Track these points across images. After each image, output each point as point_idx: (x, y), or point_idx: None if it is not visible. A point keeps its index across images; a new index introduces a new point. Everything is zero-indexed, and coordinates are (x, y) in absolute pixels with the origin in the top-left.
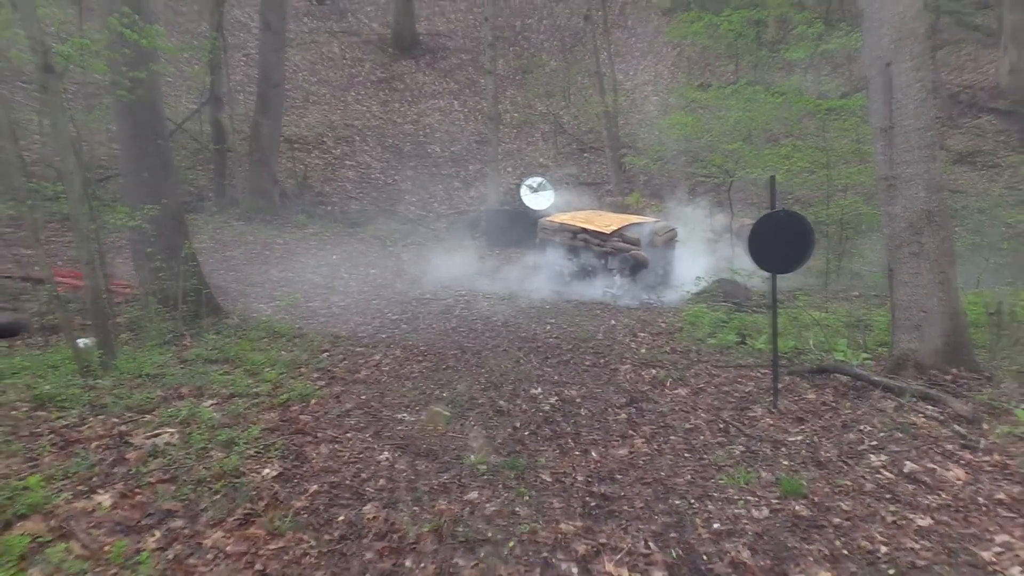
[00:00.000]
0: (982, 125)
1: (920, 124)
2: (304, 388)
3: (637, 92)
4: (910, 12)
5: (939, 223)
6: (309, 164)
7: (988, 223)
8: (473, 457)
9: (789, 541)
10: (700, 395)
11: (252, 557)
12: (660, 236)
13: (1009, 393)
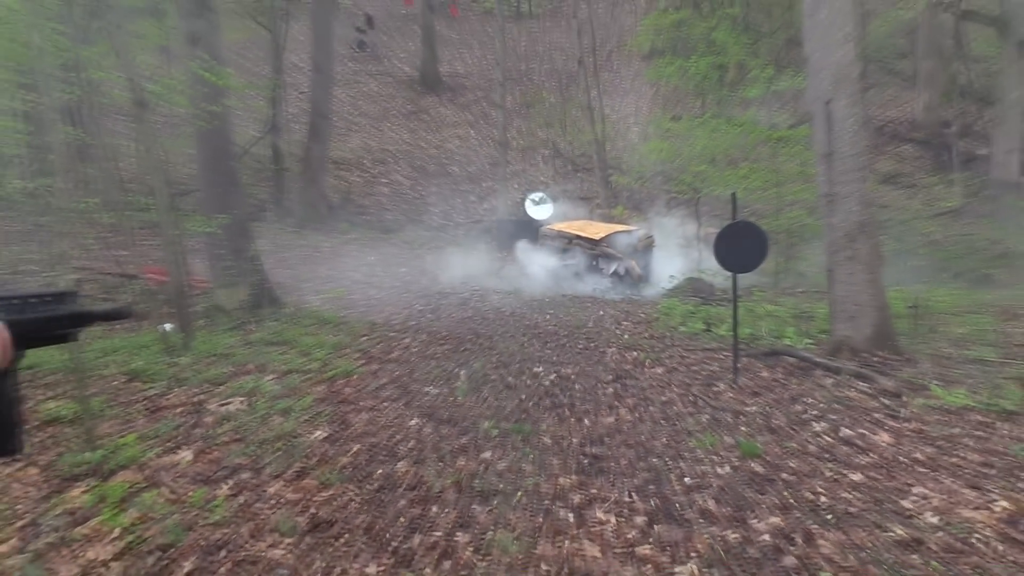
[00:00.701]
0: (902, 152)
1: (854, 151)
2: (347, 366)
3: (621, 123)
4: (846, 60)
5: (869, 232)
6: (351, 181)
7: (907, 233)
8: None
9: (747, 493)
10: (673, 373)
11: (306, 504)
12: (641, 242)
13: (925, 372)
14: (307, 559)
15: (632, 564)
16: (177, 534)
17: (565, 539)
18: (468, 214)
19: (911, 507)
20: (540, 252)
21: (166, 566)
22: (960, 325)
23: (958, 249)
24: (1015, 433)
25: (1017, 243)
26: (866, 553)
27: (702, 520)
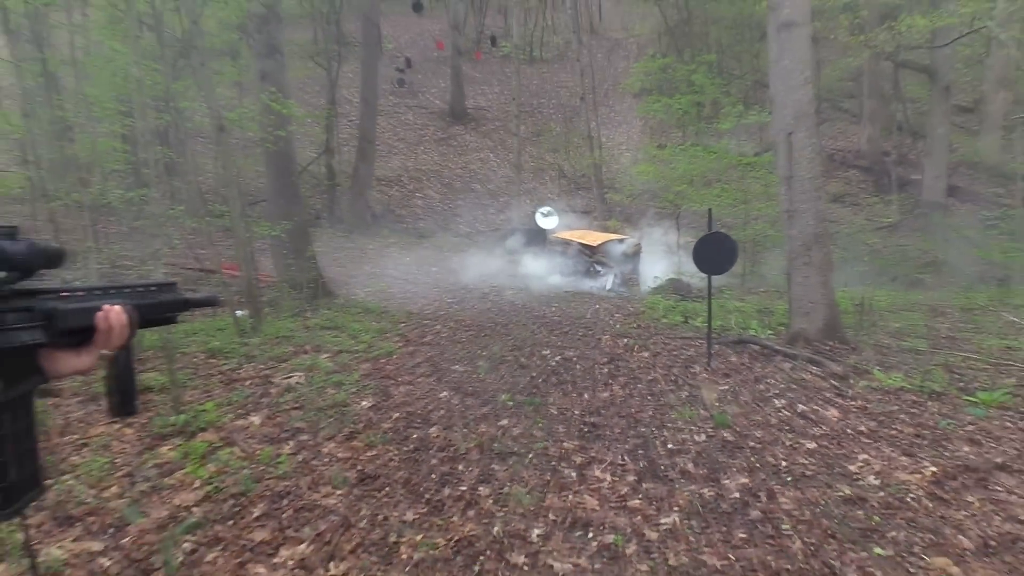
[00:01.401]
0: (849, 177)
1: (810, 175)
2: (388, 347)
3: (615, 149)
4: (804, 99)
5: (822, 242)
6: (391, 195)
7: (853, 243)
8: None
9: (719, 457)
10: (658, 357)
11: (354, 461)
12: (630, 249)
13: (868, 359)
14: (355, 507)
15: (625, 514)
16: (248, 485)
17: (569, 493)
18: (488, 223)
19: (856, 471)
20: (547, 256)
21: (239, 511)
22: (896, 320)
23: (894, 257)
24: (942, 410)
25: (943, 253)
26: (819, 508)
27: (682, 479)
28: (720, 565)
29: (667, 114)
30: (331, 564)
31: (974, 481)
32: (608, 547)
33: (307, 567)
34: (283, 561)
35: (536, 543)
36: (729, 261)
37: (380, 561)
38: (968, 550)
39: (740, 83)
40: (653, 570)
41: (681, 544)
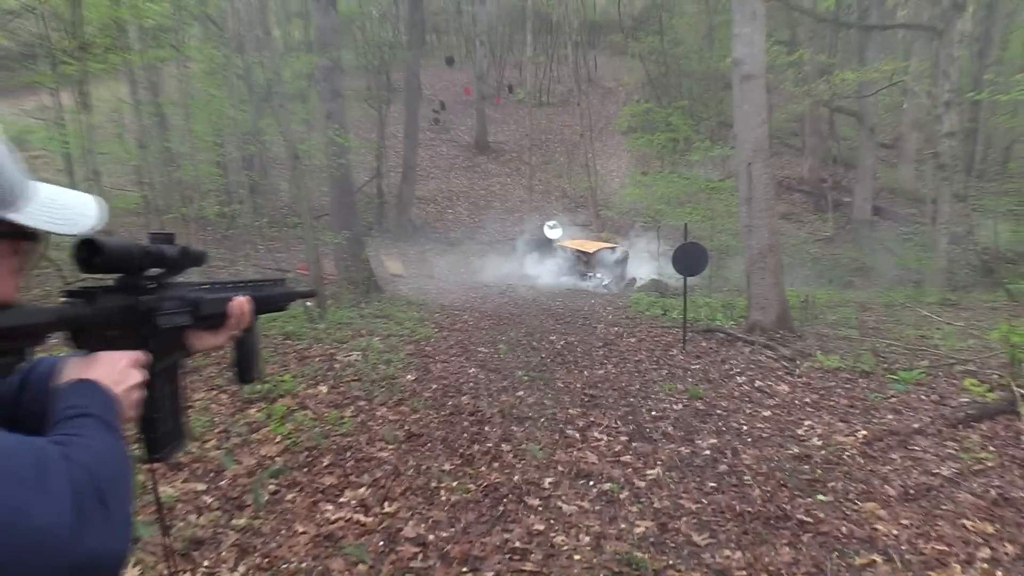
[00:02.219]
0: (794, 199)
1: (766, 196)
2: (427, 332)
3: (608, 175)
4: (762, 136)
5: (775, 251)
6: (428, 211)
7: (797, 253)
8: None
9: (693, 422)
10: (642, 342)
11: (402, 423)
12: (620, 255)
13: (811, 345)
14: (404, 459)
15: (618, 467)
16: (319, 440)
17: (574, 450)
18: (505, 234)
19: (803, 434)
20: (553, 260)
21: (312, 461)
22: (833, 314)
23: (830, 264)
24: (870, 386)
25: (869, 260)
26: (773, 463)
27: (664, 439)
28: (695, 508)
29: (649, 147)
30: (385, 504)
31: (896, 442)
32: (606, 493)
33: (366, 506)
34: (347, 501)
35: (548, 489)
36: (702, 265)
37: (424, 502)
38: (893, 497)
39: (707, 123)
40: (642, 512)
41: (664, 491)
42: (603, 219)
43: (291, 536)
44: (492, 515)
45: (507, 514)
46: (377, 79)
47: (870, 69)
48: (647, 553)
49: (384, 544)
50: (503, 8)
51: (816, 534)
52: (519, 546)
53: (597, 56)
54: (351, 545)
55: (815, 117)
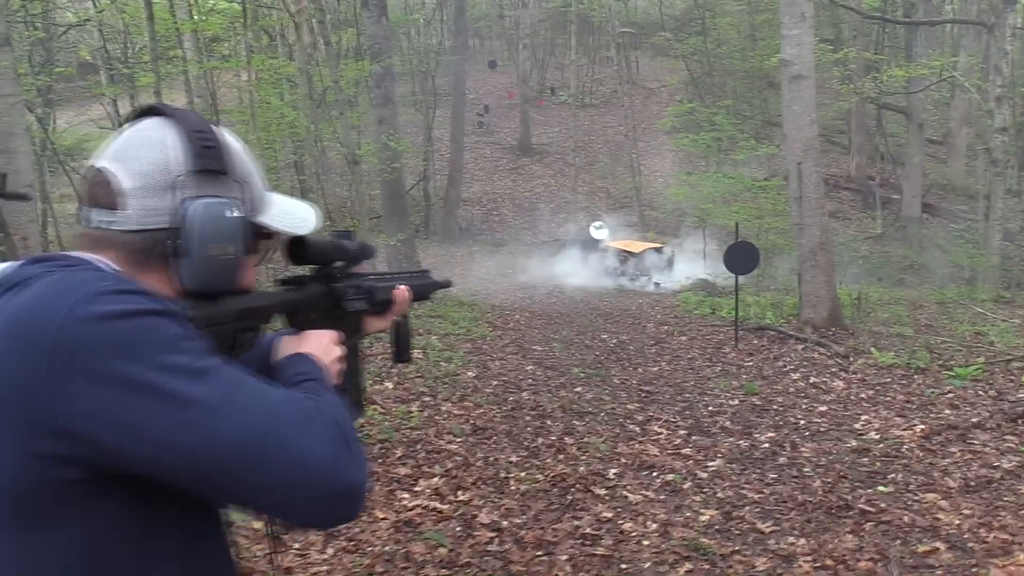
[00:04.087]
0: (841, 197)
1: (816, 195)
2: (482, 331)
3: (652, 176)
4: (811, 136)
5: (826, 249)
6: (474, 213)
7: (846, 251)
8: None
9: (750, 417)
10: (694, 340)
11: (467, 417)
12: (664, 254)
13: (864, 342)
14: (472, 451)
15: (680, 459)
16: (389, 434)
17: (635, 443)
18: (550, 235)
19: (860, 428)
20: (599, 261)
21: (385, 452)
22: (885, 312)
23: (880, 262)
24: (926, 382)
25: (920, 258)
26: (832, 456)
27: (722, 433)
28: (757, 498)
29: (694, 147)
30: (459, 492)
31: (955, 436)
32: (669, 483)
33: (440, 494)
34: (422, 490)
35: (613, 479)
36: (753, 264)
37: (495, 491)
38: (953, 488)
39: (752, 122)
40: (706, 501)
41: (726, 482)
42: (648, 220)
43: (372, 522)
44: (561, 503)
45: (575, 503)
46: (423, 84)
47: (918, 65)
48: (713, 540)
49: (461, 529)
50: (545, 11)
51: (878, 523)
52: (589, 532)
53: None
54: (430, 530)
55: (862, 114)
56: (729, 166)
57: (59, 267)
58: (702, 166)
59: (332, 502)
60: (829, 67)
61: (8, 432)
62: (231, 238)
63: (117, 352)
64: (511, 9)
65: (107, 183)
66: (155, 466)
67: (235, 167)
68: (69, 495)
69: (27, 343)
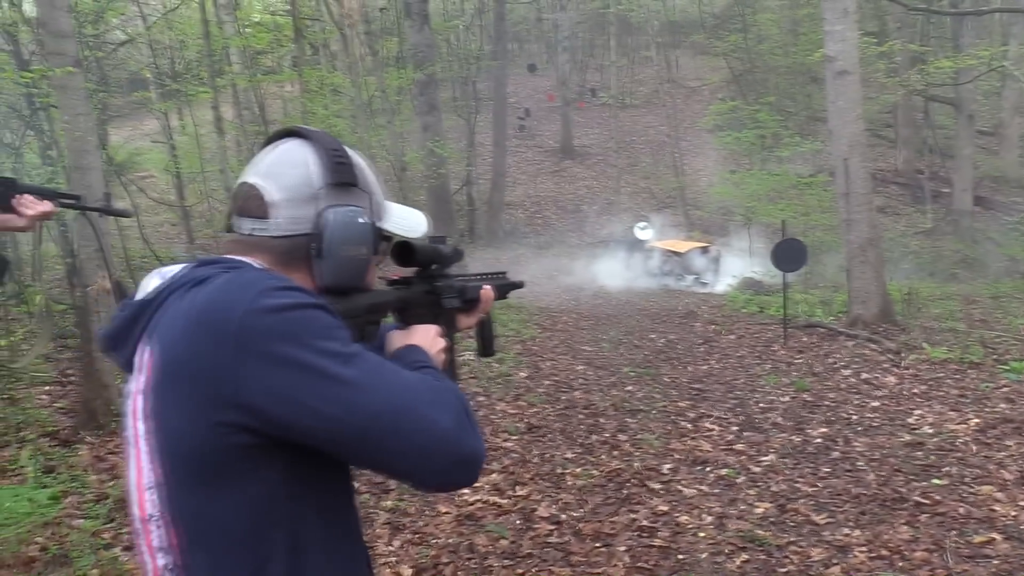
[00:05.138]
0: (889, 192)
1: (863, 191)
2: (531, 333)
3: (695, 175)
4: (857, 131)
5: (875, 245)
6: (518, 216)
7: (896, 246)
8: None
9: (802, 413)
10: (742, 339)
11: (521, 415)
12: (710, 253)
13: (916, 337)
14: (528, 448)
15: (732, 455)
16: None
17: (687, 439)
18: (595, 236)
19: (913, 422)
20: (644, 261)
21: None
22: (936, 307)
23: (931, 257)
24: (981, 376)
25: (972, 252)
26: (886, 450)
27: (774, 429)
28: (811, 491)
29: (737, 145)
30: (517, 487)
31: (1011, 429)
32: (723, 478)
33: (499, 490)
34: (481, 485)
35: (667, 474)
36: (801, 261)
37: (552, 486)
38: (1010, 481)
39: (795, 118)
40: (760, 494)
41: (779, 476)
42: (692, 219)
43: (435, 516)
44: (617, 497)
45: (631, 497)
46: (464, 89)
47: (966, 56)
48: (768, 531)
49: (521, 522)
50: (583, 13)
51: (933, 514)
52: (646, 524)
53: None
54: (492, 523)
55: (909, 107)
56: (774, 163)
57: (227, 268)
58: (746, 164)
59: (456, 468)
60: (874, 60)
61: (197, 403)
62: (362, 241)
63: (285, 338)
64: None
65: (259, 196)
66: (311, 434)
67: (363, 180)
68: (242, 459)
69: (214, 330)
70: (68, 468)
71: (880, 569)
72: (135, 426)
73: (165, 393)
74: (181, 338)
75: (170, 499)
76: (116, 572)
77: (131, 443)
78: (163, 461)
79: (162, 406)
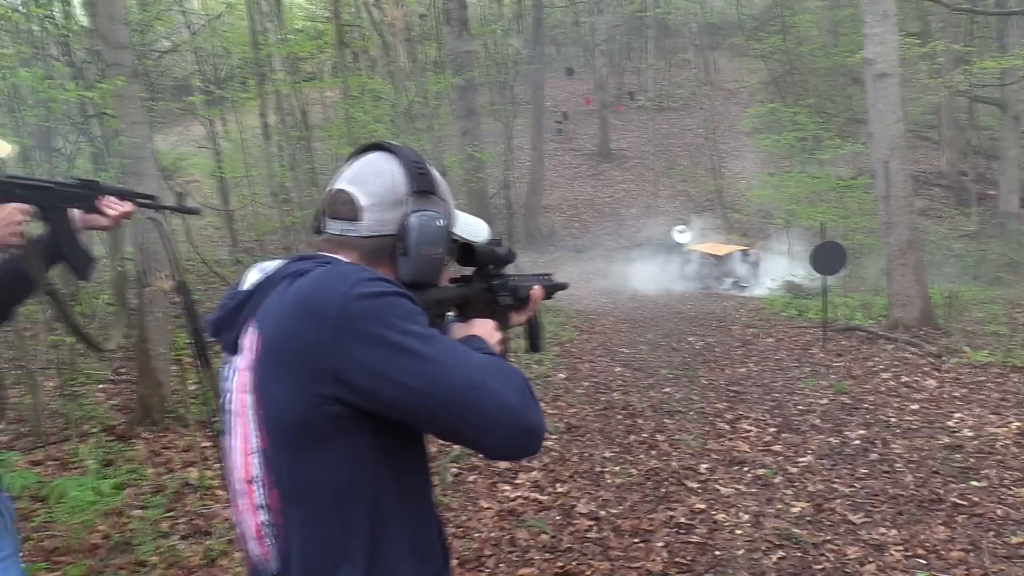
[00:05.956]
0: (932, 194)
1: (903, 194)
2: (569, 335)
3: (734, 177)
4: (897, 134)
5: (915, 248)
6: (555, 220)
7: (939, 249)
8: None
9: (840, 415)
10: (781, 342)
11: (561, 416)
12: (750, 257)
13: (957, 340)
14: (568, 447)
15: (770, 455)
16: None
17: (725, 439)
18: (632, 240)
19: (953, 425)
20: (683, 264)
21: None
22: (979, 311)
23: (975, 260)
24: (1022, 380)
25: (1017, 255)
26: (925, 452)
27: (812, 431)
28: (848, 491)
29: (776, 147)
30: (557, 485)
31: None
32: (760, 478)
33: (540, 487)
34: (522, 482)
35: (705, 474)
36: (840, 264)
37: (591, 484)
38: None
39: (836, 120)
40: (797, 494)
41: (817, 476)
42: (730, 222)
43: (478, 511)
44: (655, 495)
45: (669, 495)
46: (502, 93)
47: (1012, 56)
48: (805, 529)
49: (561, 518)
50: (621, 16)
51: (971, 515)
52: (684, 522)
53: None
54: (532, 519)
55: (952, 108)
56: (814, 165)
57: (321, 263)
58: (785, 166)
59: (521, 437)
60: (916, 61)
61: (298, 378)
62: (439, 242)
63: (375, 321)
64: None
65: (350, 201)
66: (395, 404)
67: (440, 188)
68: (334, 427)
69: (316, 315)
70: (126, 462)
71: (915, 568)
72: (241, 398)
73: (270, 369)
74: (286, 321)
75: (271, 462)
76: (175, 559)
77: (236, 413)
78: (266, 429)
79: (267, 380)
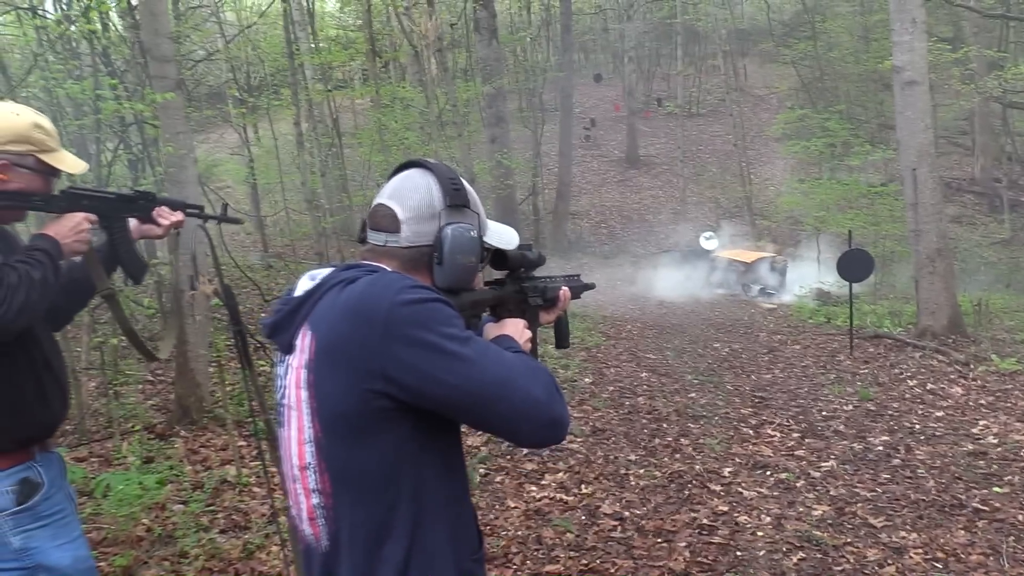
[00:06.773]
0: (965, 201)
1: (932, 201)
2: (596, 340)
3: (762, 184)
4: (926, 141)
5: (945, 256)
6: (583, 226)
7: (971, 256)
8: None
9: (864, 421)
10: (807, 349)
11: (586, 419)
12: (778, 263)
13: (986, 349)
14: (593, 450)
15: (793, 460)
16: None
17: (749, 444)
18: (660, 246)
19: (978, 432)
20: (710, 271)
21: (512, 449)
22: (1010, 319)
23: (1009, 267)
24: None
25: None
26: (948, 459)
27: (836, 436)
28: (870, 496)
29: (805, 154)
30: (582, 486)
31: None
32: (783, 481)
33: (565, 487)
34: (548, 483)
35: (728, 477)
36: (867, 271)
37: (616, 485)
38: None
39: (866, 126)
40: (819, 498)
41: (839, 481)
42: (759, 228)
43: (505, 510)
44: (679, 497)
45: (692, 497)
46: (530, 100)
47: None
48: (825, 532)
49: (586, 518)
50: (650, 23)
51: (992, 520)
52: (706, 523)
53: (747, 64)
54: (558, 518)
55: (986, 114)
56: (844, 172)
57: (368, 271)
58: (815, 172)
59: (547, 428)
60: (948, 67)
61: (351, 375)
62: (472, 252)
63: (419, 324)
64: (615, 23)
65: (392, 215)
66: (435, 399)
67: (473, 202)
68: (380, 419)
69: (366, 319)
70: (165, 459)
71: (935, 571)
72: (297, 394)
73: (324, 367)
74: (339, 324)
75: (323, 450)
76: (215, 551)
77: (292, 407)
78: (319, 420)
79: (321, 377)
